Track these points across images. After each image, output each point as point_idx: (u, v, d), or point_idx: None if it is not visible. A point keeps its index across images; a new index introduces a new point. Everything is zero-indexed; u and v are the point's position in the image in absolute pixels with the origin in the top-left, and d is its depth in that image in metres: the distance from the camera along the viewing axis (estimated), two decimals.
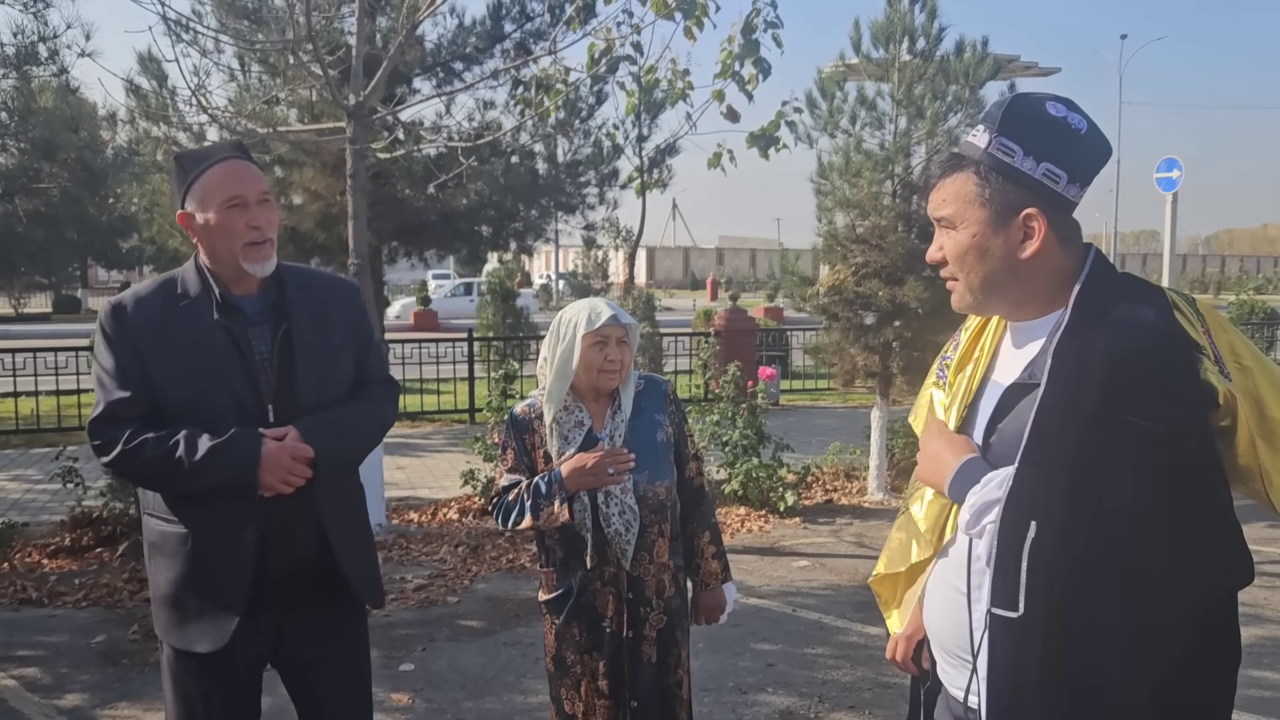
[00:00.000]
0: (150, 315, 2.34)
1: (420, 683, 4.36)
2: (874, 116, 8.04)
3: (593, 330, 2.65)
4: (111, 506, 6.41)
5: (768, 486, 7.42)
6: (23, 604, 5.41)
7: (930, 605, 1.79)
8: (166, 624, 2.39)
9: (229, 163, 2.35)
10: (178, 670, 2.40)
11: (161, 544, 2.36)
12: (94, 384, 2.39)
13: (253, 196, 2.33)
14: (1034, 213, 1.58)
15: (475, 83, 10.58)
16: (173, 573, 2.34)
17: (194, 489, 2.27)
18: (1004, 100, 1.64)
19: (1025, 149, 1.57)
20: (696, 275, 64.07)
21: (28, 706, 4.13)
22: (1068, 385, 1.50)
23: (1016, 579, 1.51)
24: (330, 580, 2.41)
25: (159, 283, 2.43)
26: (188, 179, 2.35)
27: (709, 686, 4.26)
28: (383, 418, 2.58)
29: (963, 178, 1.62)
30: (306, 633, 2.43)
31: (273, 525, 2.32)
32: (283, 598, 2.36)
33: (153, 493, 2.38)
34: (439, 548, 6.46)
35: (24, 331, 24.05)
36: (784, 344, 15.58)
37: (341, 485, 2.47)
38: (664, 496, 2.72)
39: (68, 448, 6.95)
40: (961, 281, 1.67)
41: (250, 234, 2.32)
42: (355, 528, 2.52)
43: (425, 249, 13.53)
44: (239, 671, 2.41)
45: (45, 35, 6.35)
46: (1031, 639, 1.51)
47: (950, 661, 1.75)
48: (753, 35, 6.46)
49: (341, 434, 2.41)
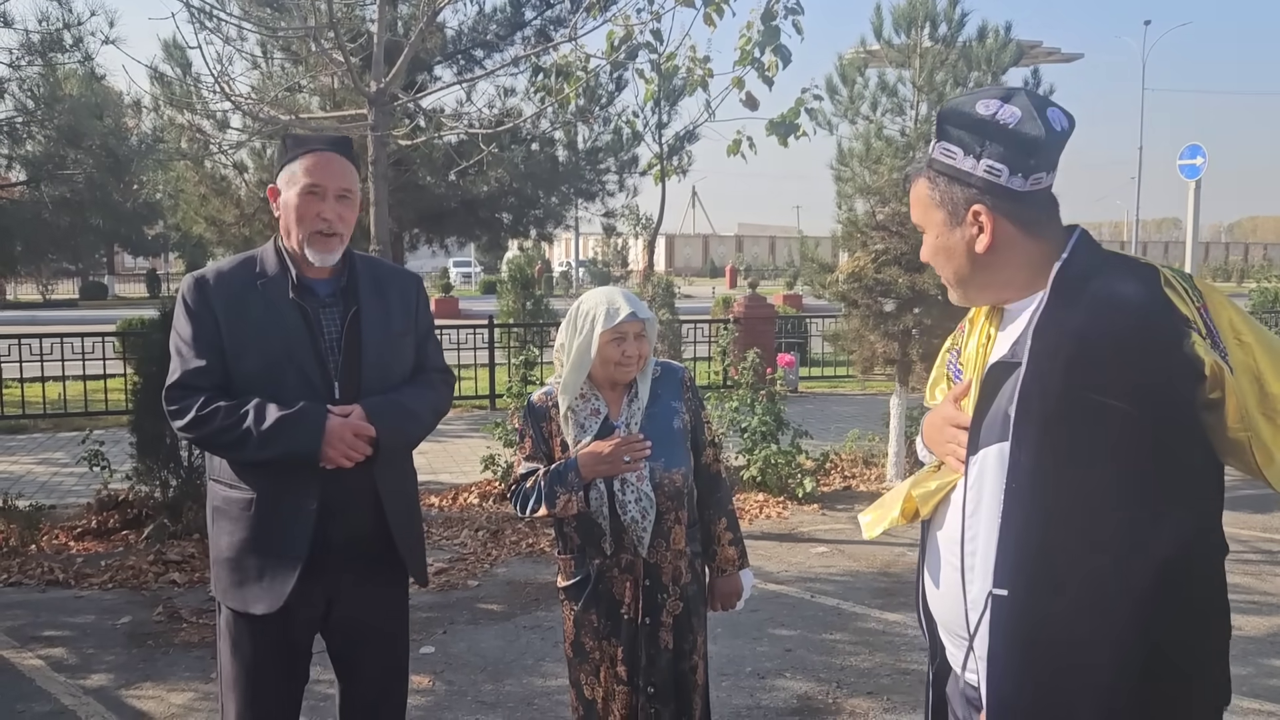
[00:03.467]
0: (230, 290, 2.45)
1: (440, 665, 4.41)
2: (895, 103, 8.00)
3: (611, 327, 2.66)
4: (137, 490, 6.49)
5: (786, 473, 7.43)
6: (50, 585, 5.50)
7: (931, 583, 1.81)
8: (226, 586, 2.48)
9: (323, 154, 2.47)
10: (235, 633, 2.50)
11: (225, 508, 2.46)
12: (172, 352, 2.48)
13: (332, 189, 2.45)
14: (980, 209, 1.65)
15: (496, 70, 10.62)
16: (235, 536, 2.44)
17: (260, 457, 2.36)
18: (941, 108, 1.72)
19: (964, 150, 1.65)
20: (716, 262, 63.94)
21: (54, 686, 4.20)
22: (1044, 362, 1.55)
23: (1012, 557, 1.56)
24: (382, 553, 2.52)
25: (240, 260, 2.55)
26: (285, 158, 2.48)
27: (727, 671, 4.29)
28: (438, 405, 2.68)
29: (920, 185, 1.73)
30: (355, 602, 2.53)
31: (332, 495, 2.42)
32: (338, 564, 2.46)
33: (219, 459, 2.48)
34: (460, 532, 6.51)
35: (51, 317, 24.34)
36: (803, 331, 15.55)
37: (398, 464, 2.59)
38: (680, 483, 2.73)
39: (94, 431, 7.04)
40: (950, 278, 1.76)
41: (318, 223, 2.44)
42: (408, 505, 2.64)
43: (446, 236, 13.61)
44: (292, 635, 2.51)
45: (70, 22, 6.40)
46: (1026, 615, 1.55)
47: (953, 642, 1.77)
48: (773, 22, 6.43)
49: (402, 416, 2.52)
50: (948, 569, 1.73)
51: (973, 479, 1.67)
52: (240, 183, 11.51)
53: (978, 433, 1.66)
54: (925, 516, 1.79)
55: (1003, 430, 1.60)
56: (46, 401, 11.15)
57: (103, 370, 10.73)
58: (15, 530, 6.16)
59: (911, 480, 1.83)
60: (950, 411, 1.76)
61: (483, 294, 38.43)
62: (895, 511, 1.83)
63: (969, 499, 1.67)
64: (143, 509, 6.44)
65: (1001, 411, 1.61)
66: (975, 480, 1.66)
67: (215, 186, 11.44)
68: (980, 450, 1.65)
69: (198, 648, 4.57)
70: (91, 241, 8.30)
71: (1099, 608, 1.50)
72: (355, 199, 2.52)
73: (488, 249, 18.75)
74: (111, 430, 8.01)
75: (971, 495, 1.67)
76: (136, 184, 7.99)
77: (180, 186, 11.42)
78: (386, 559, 2.56)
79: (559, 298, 20.95)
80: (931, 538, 1.81)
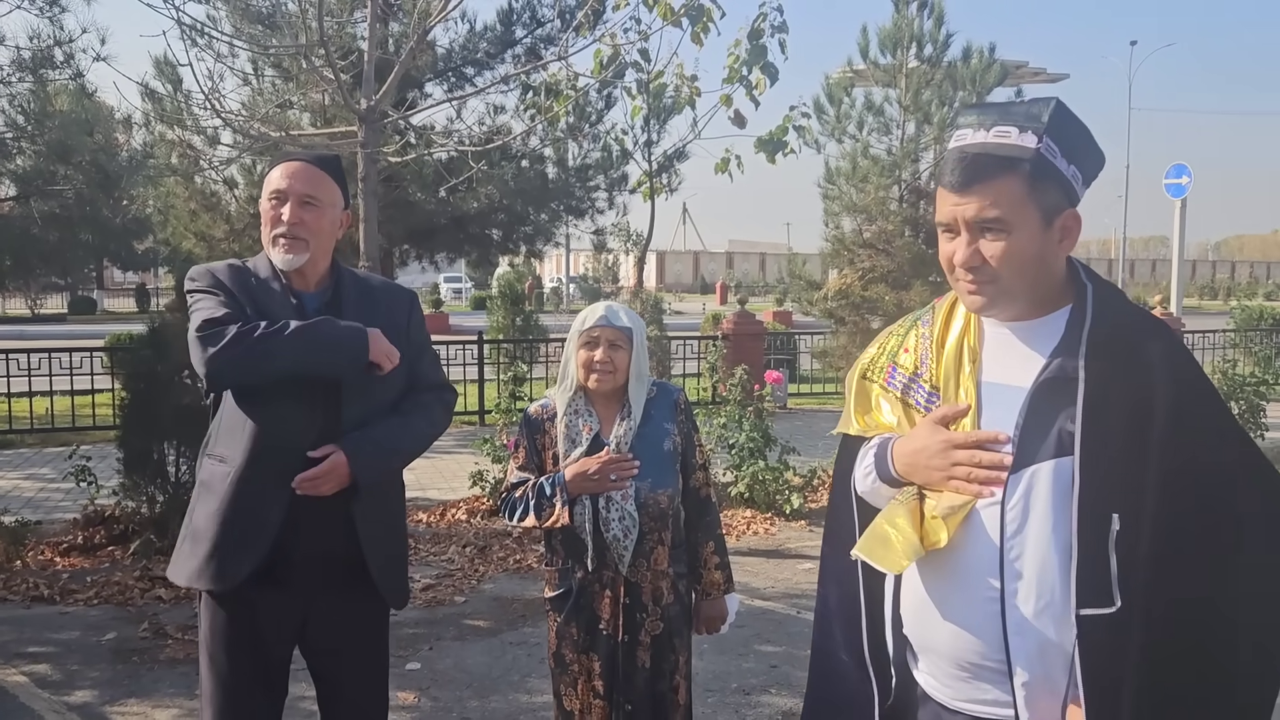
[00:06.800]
0: (235, 281, 2.49)
1: (426, 681, 4.41)
2: (881, 122, 8.11)
3: (583, 331, 2.73)
4: (124, 505, 6.47)
5: (774, 489, 7.45)
6: (35, 601, 5.48)
7: (934, 613, 1.70)
8: (188, 560, 2.47)
9: (292, 163, 2.52)
10: (212, 646, 2.50)
11: (210, 482, 2.48)
12: (198, 310, 2.45)
13: (294, 194, 2.47)
14: (1074, 213, 1.63)
15: (486, 88, 10.69)
16: (210, 506, 2.44)
17: (302, 359, 2.36)
18: (1048, 103, 1.64)
19: (1063, 151, 1.61)
20: (706, 279, 64.11)
21: (38, 703, 4.19)
22: (1114, 382, 1.55)
23: (1106, 574, 1.51)
24: (358, 572, 2.50)
25: (231, 263, 2.57)
26: (268, 172, 2.56)
27: (712, 687, 4.30)
28: (429, 429, 2.65)
29: (1013, 179, 1.58)
30: (330, 621, 2.53)
31: (300, 510, 2.41)
32: (310, 579, 2.46)
33: (215, 432, 2.50)
34: (447, 548, 6.51)
35: (39, 332, 24.24)
36: (792, 348, 15.60)
37: (378, 491, 2.54)
38: (665, 505, 2.76)
39: (81, 447, 7.02)
40: (999, 285, 1.63)
41: (278, 226, 2.47)
42: (388, 527, 2.61)
43: (436, 252, 13.65)
44: (268, 648, 2.51)
45: (61, 39, 6.43)
46: (1131, 633, 1.50)
47: (959, 673, 1.68)
48: (759, 40, 6.50)
49: (383, 454, 2.51)
50: (973, 595, 1.63)
51: (1015, 497, 1.59)
52: (230, 198, 11.54)
53: (1024, 450, 1.60)
54: (944, 543, 1.63)
55: (1058, 446, 1.57)
56: (34, 416, 11.11)
57: (90, 386, 10.71)
58: (1, 546, 6.14)
59: (895, 510, 1.71)
60: (949, 435, 1.67)
61: (473, 310, 38.44)
62: (914, 538, 1.65)
63: (1008, 519, 1.59)
64: (129, 525, 6.42)
65: (1056, 428, 1.57)
66: (1019, 498, 1.59)
67: (205, 202, 11.47)
68: (1028, 468, 1.59)
69: (183, 664, 4.56)
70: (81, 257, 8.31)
71: (1229, 622, 1.53)
72: (323, 207, 2.50)
73: (478, 265, 18.81)
74: (99, 445, 7.99)
75: (1012, 515, 1.59)
76: (126, 199, 8.00)
77: (170, 202, 11.45)
78: (364, 578, 2.53)
79: (549, 314, 20.98)
80: (934, 565, 1.68)
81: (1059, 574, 1.56)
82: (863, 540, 1.73)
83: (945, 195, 1.64)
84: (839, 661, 1.90)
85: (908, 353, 1.84)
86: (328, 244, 2.56)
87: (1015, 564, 1.59)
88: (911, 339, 1.85)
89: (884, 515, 1.73)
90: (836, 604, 1.92)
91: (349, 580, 2.50)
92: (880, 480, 1.79)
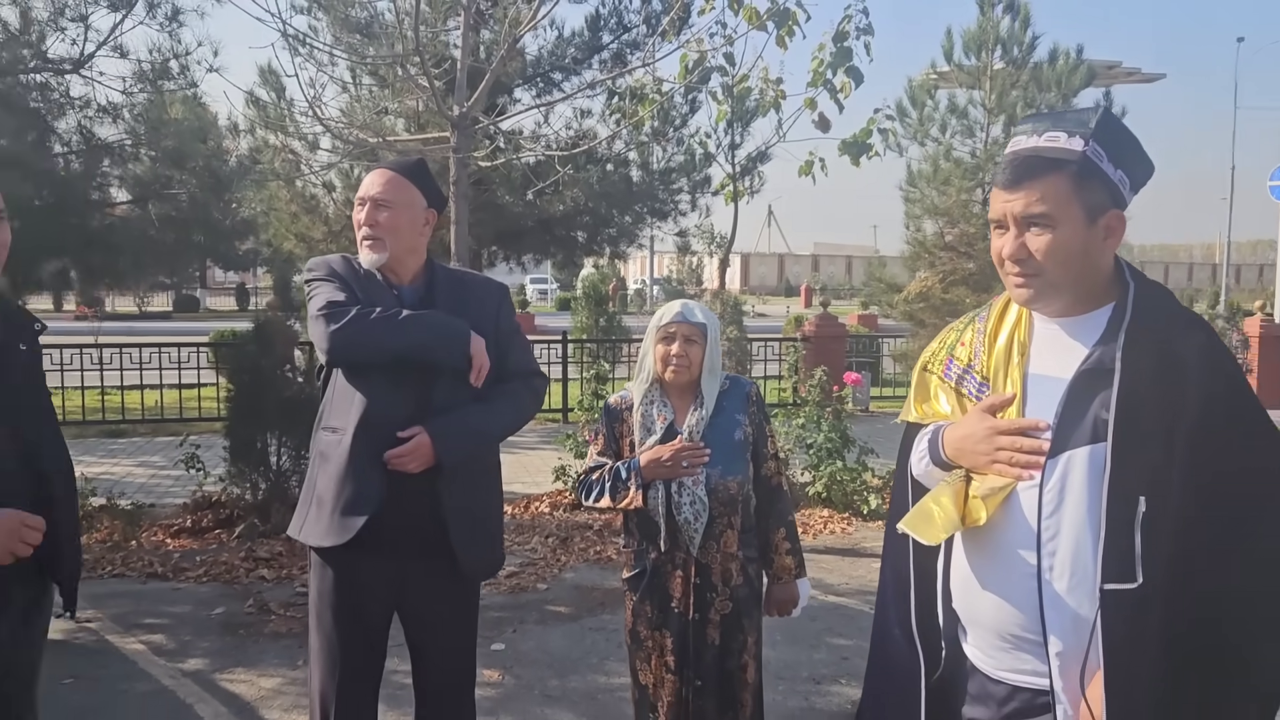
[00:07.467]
0: (346, 271, 2.75)
1: (510, 661, 4.64)
2: (964, 125, 8.12)
3: (660, 326, 2.92)
4: (229, 491, 6.87)
5: (851, 490, 7.51)
6: (150, 577, 5.87)
7: (978, 587, 1.83)
8: (314, 522, 2.71)
9: (373, 171, 2.79)
10: (319, 607, 2.75)
11: (326, 451, 2.71)
12: (317, 296, 2.71)
13: (371, 198, 2.72)
14: (1118, 214, 1.76)
15: (573, 93, 10.91)
16: (330, 472, 2.67)
17: (410, 341, 2.62)
18: (1095, 110, 1.78)
19: (1109, 155, 1.73)
20: (791, 282, 63.77)
21: (155, 668, 4.53)
22: (1147, 373, 1.66)
23: (1131, 552, 1.61)
24: (443, 547, 2.70)
25: (342, 255, 2.84)
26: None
27: (784, 675, 4.43)
28: (514, 414, 2.88)
29: (1059, 178, 1.72)
30: (422, 589, 2.75)
31: (395, 484, 2.63)
32: (406, 551, 2.68)
33: (327, 408, 2.75)
34: (530, 538, 6.75)
35: (148, 328, 25.38)
36: (875, 351, 15.54)
37: (466, 475, 2.74)
38: (735, 491, 2.91)
39: (190, 436, 7.45)
40: (1044, 278, 1.75)
41: (360, 229, 2.73)
42: (476, 506, 2.80)
43: (523, 253, 13.98)
44: (368, 611, 2.74)
45: (178, 53, 6.87)
46: (1151, 608, 1.60)
47: (1001, 644, 1.81)
48: (844, 43, 6.57)
49: (467, 437, 2.72)
50: (1012, 571, 1.76)
51: (1052, 480, 1.72)
52: (329, 201, 12.02)
53: (1061, 436, 1.72)
54: (983, 521, 1.77)
55: (1093, 433, 1.69)
56: (144, 408, 11.74)
57: (197, 380, 11.28)
58: (118, 527, 6.58)
59: (942, 490, 1.84)
60: (994, 422, 1.80)
61: (558, 310, 38.96)
62: (954, 515, 1.79)
63: (1045, 500, 1.72)
64: (234, 510, 6.82)
65: (1092, 416, 1.69)
66: (1056, 481, 1.71)
67: (305, 205, 11.98)
68: (1065, 453, 1.71)
69: (285, 638, 4.87)
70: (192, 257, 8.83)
71: (1247, 601, 1.62)
72: (398, 208, 2.71)
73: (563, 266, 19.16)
74: (204, 436, 8.44)
75: (1049, 496, 1.72)
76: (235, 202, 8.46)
77: (272, 204, 11.97)
78: (451, 551, 2.71)
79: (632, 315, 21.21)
80: (978, 543, 1.83)
81: (1090, 553, 1.68)
82: (908, 516, 1.87)
83: (997, 193, 1.79)
84: (892, 634, 2.03)
85: (964, 346, 1.99)
86: (410, 241, 2.76)
87: (1051, 542, 1.72)
88: (968, 334, 1.99)
89: (931, 494, 1.87)
90: (891, 580, 2.06)
91: (438, 552, 2.70)
92: (932, 464, 1.93)
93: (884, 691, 2.09)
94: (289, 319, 6.97)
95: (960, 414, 1.93)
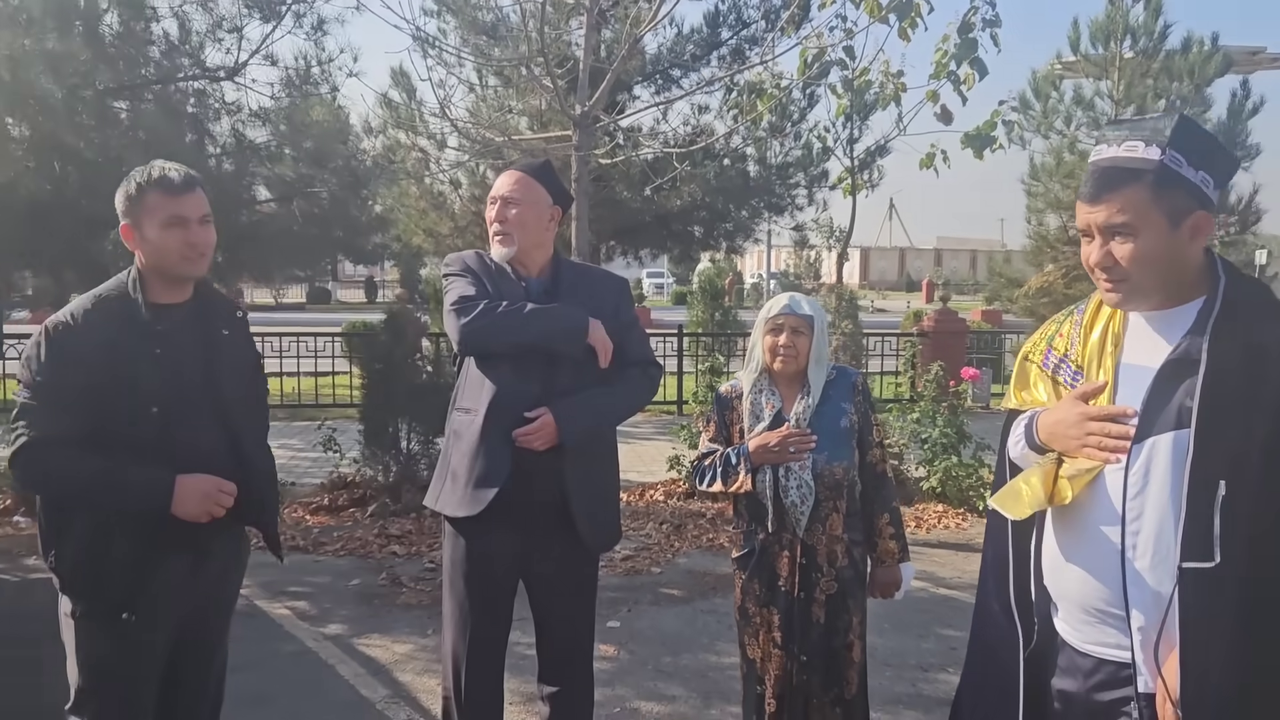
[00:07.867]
0: (479, 266, 3.00)
1: (625, 638, 4.85)
2: (1091, 116, 7.94)
3: (769, 318, 3.07)
4: (363, 473, 7.30)
5: (967, 485, 7.47)
6: (292, 550, 6.29)
7: (1066, 564, 1.94)
8: (449, 493, 2.95)
9: (506, 171, 3.03)
10: (452, 574, 3.00)
11: (460, 430, 2.96)
12: (452, 291, 2.97)
13: (500, 197, 2.97)
14: (1204, 215, 1.82)
15: (692, 90, 11.05)
16: (464, 449, 2.91)
17: (530, 332, 2.85)
18: (1170, 118, 1.86)
19: (1189, 160, 1.80)
20: (913, 276, 62.48)
21: (299, 631, 4.90)
22: (1232, 362, 1.74)
23: (1210, 533, 1.69)
24: (566, 521, 2.92)
25: (476, 251, 3.09)
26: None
27: (891, 661, 4.52)
28: (630, 398, 3.12)
29: (1138, 188, 1.78)
30: (545, 559, 2.97)
31: (522, 461, 2.85)
32: (533, 522, 2.90)
33: (460, 390, 3.00)
34: (645, 524, 6.96)
35: (283, 319, 26.66)
36: (997, 347, 15.23)
37: (588, 453, 2.96)
38: (840, 476, 3.04)
39: (327, 421, 7.92)
40: (1130, 282, 1.83)
41: (491, 225, 2.98)
42: (596, 484, 3.02)
43: (640, 248, 14.23)
44: (496, 578, 2.97)
45: (322, 60, 7.33)
46: (1227, 586, 1.67)
47: (1087, 619, 1.92)
48: (970, 34, 6.52)
49: (587, 418, 2.94)
50: (1098, 549, 1.85)
51: (1137, 464, 1.80)
52: (455, 198, 12.50)
53: (1147, 422, 1.80)
54: (1068, 500, 1.87)
55: (1178, 420, 1.76)
56: (283, 393, 12.42)
57: (332, 368, 11.89)
58: None
59: (1033, 471, 1.96)
60: (1085, 408, 1.89)
61: (674, 304, 39.18)
62: (1041, 494, 1.89)
63: (1130, 482, 1.81)
64: (367, 490, 7.25)
65: (1177, 403, 1.77)
66: (1141, 465, 1.80)
67: (433, 201, 12.49)
68: (1150, 438, 1.79)
69: (416, 609, 5.20)
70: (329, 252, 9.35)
71: None
72: (525, 205, 2.94)
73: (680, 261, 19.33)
74: (339, 421, 8.93)
75: (1134, 479, 1.80)
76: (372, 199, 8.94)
77: (402, 200, 12.52)
78: (573, 525, 2.93)
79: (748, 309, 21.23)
80: (1066, 522, 1.93)
81: (1172, 533, 1.77)
82: (999, 493, 2.00)
83: (1081, 205, 1.88)
84: (991, 610, 2.15)
85: (1061, 338, 2.09)
86: (537, 236, 2.99)
87: (1134, 522, 1.81)
88: (1066, 326, 2.10)
89: (1022, 474, 1.99)
90: (991, 560, 2.17)
91: (561, 525, 2.92)
92: (1028, 447, 2.04)
93: (984, 663, 2.21)
94: (418, 311, 7.36)
95: (1056, 401, 2.03)
